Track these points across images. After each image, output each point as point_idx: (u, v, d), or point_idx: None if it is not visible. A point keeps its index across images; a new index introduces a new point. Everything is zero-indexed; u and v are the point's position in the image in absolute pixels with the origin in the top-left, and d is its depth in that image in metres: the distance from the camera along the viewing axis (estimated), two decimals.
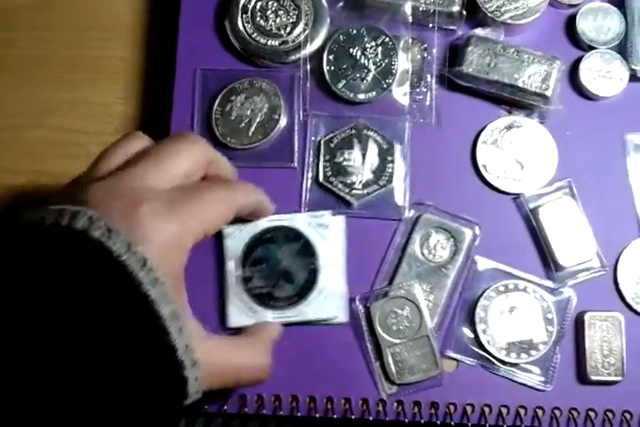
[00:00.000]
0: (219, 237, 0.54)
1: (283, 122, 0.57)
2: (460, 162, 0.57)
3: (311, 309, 0.53)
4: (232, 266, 0.54)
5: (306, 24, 0.59)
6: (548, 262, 0.55)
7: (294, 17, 0.59)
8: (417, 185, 0.56)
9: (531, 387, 0.53)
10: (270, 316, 0.53)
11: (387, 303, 0.53)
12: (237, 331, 0.53)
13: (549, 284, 0.54)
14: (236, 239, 0.54)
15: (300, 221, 0.54)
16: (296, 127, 0.57)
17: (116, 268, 0.37)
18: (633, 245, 0.55)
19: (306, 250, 0.53)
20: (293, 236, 0.54)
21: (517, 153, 0.57)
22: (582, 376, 0.53)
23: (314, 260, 0.54)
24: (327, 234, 0.54)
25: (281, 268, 0.53)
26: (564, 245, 0.54)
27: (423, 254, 0.55)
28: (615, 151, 0.57)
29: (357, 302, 0.54)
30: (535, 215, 0.55)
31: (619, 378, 0.52)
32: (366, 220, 0.56)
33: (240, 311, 0.53)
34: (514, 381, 0.53)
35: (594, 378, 0.52)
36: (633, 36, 0.59)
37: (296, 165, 0.57)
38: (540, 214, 0.54)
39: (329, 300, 0.53)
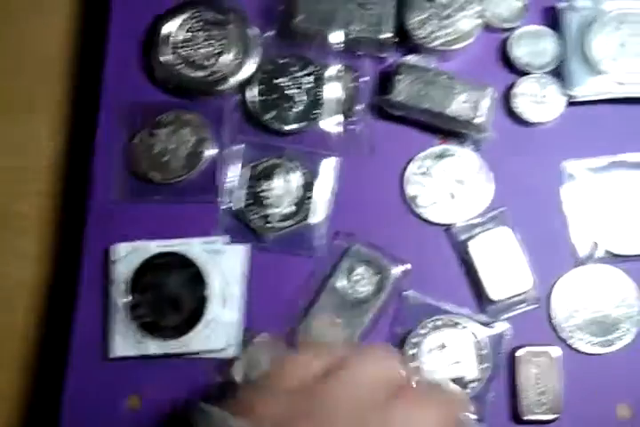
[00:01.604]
0: (108, 262, 0.53)
1: (209, 155, 0.56)
2: (391, 193, 0.56)
3: (198, 340, 0.51)
4: (119, 292, 0.52)
5: (234, 54, 0.57)
6: (481, 296, 0.53)
7: (221, 47, 0.58)
8: (345, 217, 0.55)
9: None
10: (155, 347, 0.51)
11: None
12: None
13: (482, 318, 0.52)
14: (125, 264, 0.52)
15: (194, 246, 0.53)
16: (223, 161, 0.56)
17: None
18: (566, 277, 0.53)
19: (197, 278, 0.52)
20: (185, 262, 0.52)
21: (449, 183, 0.56)
22: (516, 415, 0.51)
23: (204, 288, 0.52)
24: (222, 261, 0.52)
25: (169, 295, 0.52)
26: (496, 278, 0.52)
27: (345, 288, 0.53)
28: (552, 179, 0.56)
29: None
30: (465, 247, 0.53)
31: (554, 416, 0.51)
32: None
33: (125, 341, 0.51)
34: None
35: (528, 417, 0.50)
36: (568, 60, 0.57)
37: (221, 199, 0.55)
38: (469, 247, 0.53)
39: (218, 331, 0.51)
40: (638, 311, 0.53)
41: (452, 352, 0.52)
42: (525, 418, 0.51)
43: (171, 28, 0.58)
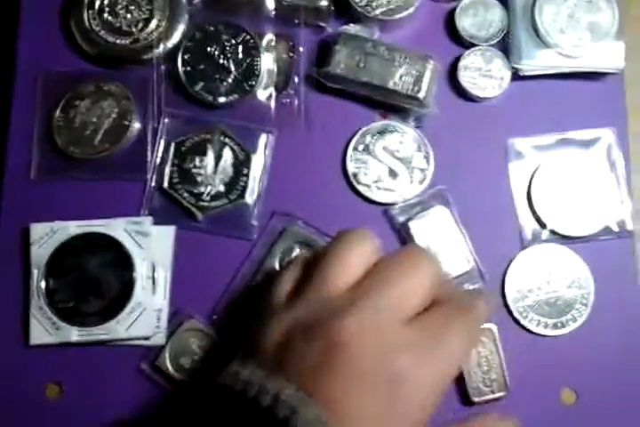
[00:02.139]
0: (26, 243, 0.49)
1: (134, 128, 0.52)
2: (330, 171, 0.53)
3: (122, 326, 0.48)
4: (36, 276, 0.49)
5: (160, 20, 0.54)
6: None
7: (147, 12, 0.54)
8: (282, 196, 0.52)
9: None
10: (76, 333, 0.47)
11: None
12: None
13: None
14: (43, 247, 0.48)
15: (117, 227, 0.49)
16: (149, 135, 0.52)
17: None
18: (519, 257, 0.52)
19: (121, 260, 0.48)
20: (107, 243, 0.49)
21: (391, 160, 0.53)
22: (465, 399, 0.49)
23: (129, 271, 0.48)
24: (148, 244, 0.49)
25: (90, 279, 0.48)
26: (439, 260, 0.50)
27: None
28: (497, 156, 0.53)
29: None
30: (405, 229, 0.50)
31: (502, 394, 0.49)
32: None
33: (42, 328, 0.48)
34: None
35: (477, 400, 0.48)
36: (515, 32, 0.54)
37: (148, 176, 0.51)
38: (410, 228, 0.50)
39: (144, 317, 0.48)
40: (590, 293, 0.51)
41: None
42: (475, 400, 0.48)
43: None
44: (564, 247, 0.52)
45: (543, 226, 0.52)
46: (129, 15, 0.54)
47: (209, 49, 0.53)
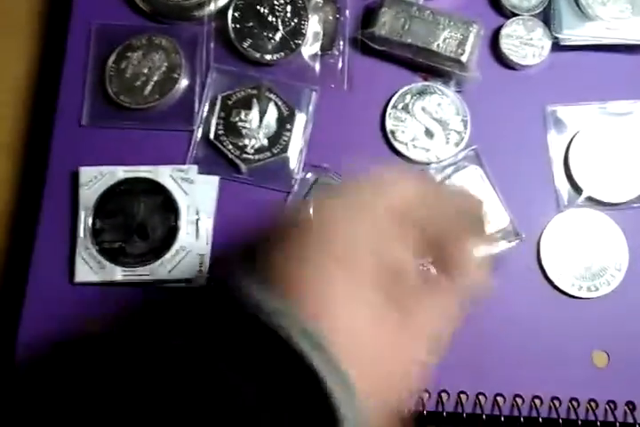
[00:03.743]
0: (75, 186, 0.50)
1: (183, 82, 0.54)
2: (369, 128, 0.54)
3: (166, 268, 0.49)
4: (83, 217, 0.50)
5: None
6: None
7: None
8: (320, 151, 0.53)
9: None
10: (120, 273, 0.49)
11: None
12: None
13: None
14: (91, 189, 0.50)
15: (163, 173, 0.50)
16: (197, 89, 0.53)
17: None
18: (556, 220, 0.53)
19: (166, 205, 0.50)
20: (153, 189, 0.50)
21: (428, 121, 0.54)
22: None
23: (174, 216, 0.50)
24: (192, 190, 0.50)
25: (136, 222, 0.50)
26: None
27: None
28: (535, 123, 0.54)
29: None
30: None
31: None
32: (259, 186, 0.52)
33: (87, 266, 0.49)
34: None
35: None
36: (557, 3, 0.55)
37: (195, 128, 0.53)
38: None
39: (187, 260, 0.49)
40: (624, 258, 0.51)
41: None
42: None
43: None
44: (600, 213, 0.52)
45: (579, 191, 0.53)
46: None
47: (258, 7, 0.55)
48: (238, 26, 0.54)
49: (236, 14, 0.54)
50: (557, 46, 0.55)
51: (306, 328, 0.28)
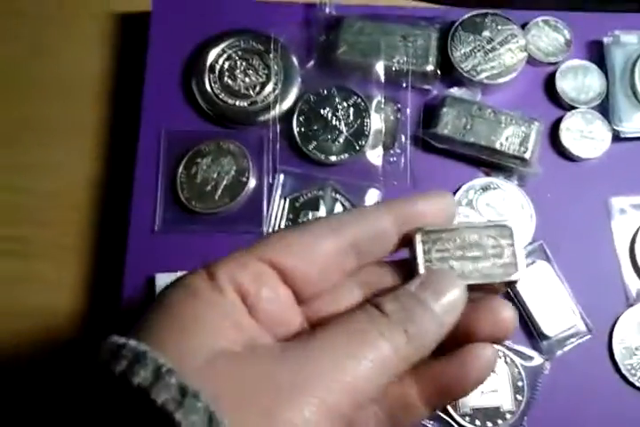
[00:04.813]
0: (150, 292, 0.51)
1: (251, 185, 0.55)
2: None
3: None
4: None
5: (275, 84, 0.57)
6: (530, 332, 0.52)
7: (264, 76, 0.57)
8: None
9: None
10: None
11: None
12: None
13: (523, 349, 0.51)
14: None
15: None
16: (265, 191, 0.55)
17: None
18: (627, 314, 0.52)
19: None
20: None
21: (493, 216, 0.54)
22: None
23: None
24: None
25: None
26: (546, 314, 0.51)
27: None
28: (598, 215, 0.55)
29: None
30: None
31: None
32: None
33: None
34: None
35: None
36: (614, 95, 0.57)
37: (264, 229, 0.54)
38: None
39: None
40: None
41: (490, 380, 0.50)
42: None
43: (212, 56, 0.57)
44: None
45: None
46: (247, 79, 0.57)
47: (322, 111, 0.56)
48: (303, 129, 0.56)
49: (301, 118, 0.56)
50: (617, 138, 0.56)
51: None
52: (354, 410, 0.26)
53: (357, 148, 0.55)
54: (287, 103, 0.56)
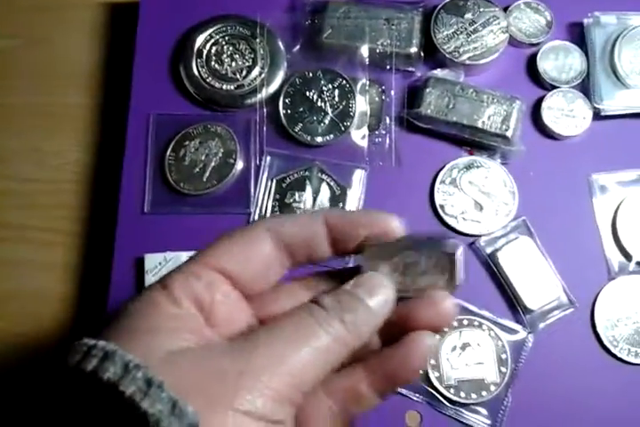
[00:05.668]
0: (139, 272, 0.52)
1: (238, 166, 0.56)
2: (418, 203, 0.56)
3: None
4: None
5: (262, 67, 0.58)
6: (514, 306, 0.53)
7: (250, 61, 0.58)
8: None
9: None
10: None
11: None
12: None
13: (506, 322, 0.53)
14: (157, 275, 0.54)
15: None
16: (252, 172, 0.56)
17: None
18: (608, 287, 0.53)
19: None
20: None
21: (476, 194, 0.56)
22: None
23: None
24: None
25: None
26: (529, 288, 0.52)
27: None
28: (580, 191, 0.56)
29: None
30: (494, 259, 0.53)
31: None
32: None
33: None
34: (459, 421, 0.51)
35: None
36: (595, 74, 0.57)
37: (252, 210, 0.55)
38: (498, 259, 0.53)
39: None
40: None
41: (473, 353, 0.51)
42: None
43: (200, 41, 0.58)
44: None
45: (629, 258, 0.54)
46: (234, 63, 0.58)
47: (307, 93, 0.57)
48: (289, 111, 0.57)
49: (287, 100, 0.57)
50: (598, 116, 0.57)
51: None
52: (300, 395, 0.28)
53: (343, 129, 0.56)
54: (273, 86, 0.58)
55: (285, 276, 0.34)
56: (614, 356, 0.52)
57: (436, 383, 0.50)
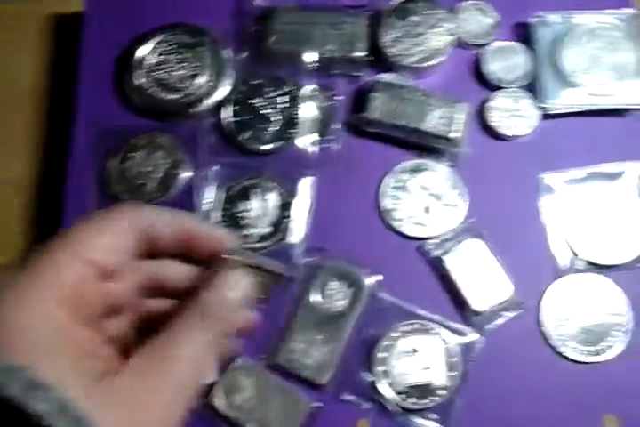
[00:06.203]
0: None
1: (184, 177, 0.55)
2: (366, 208, 0.56)
3: None
4: None
5: (208, 76, 0.57)
6: (462, 308, 0.53)
7: (196, 69, 0.58)
8: (323, 235, 0.54)
9: None
10: None
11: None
12: None
13: (455, 326, 0.52)
14: None
15: None
16: (199, 182, 0.55)
17: None
18: (555, 286, 0.53)
19: None
20: None
21: (426, 197, 0.55)
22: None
23: None
24: None
25: None
26: (477, 290, 0.52)
27: (320, 303, 0.53)
28: (529, 191, 0.56)
29: None
30: (440, 262, 0.53)
31: None
32: None
33: None
34: None
35: None
36: (541, 74, 0.58)
37: None
38: (445, 262, 0.53)
39: None
40: (628, 320, 0.52)
41: (422, 358, 0.51)
42: None
43: (144, 51, 0.58)
44: (600, 276, 0.53)
45: (577, 256, 0.54)
46: (179, 73, 0.58)
47: (254, 100, 0.57)
48: (236, 119, 0.56)
49: (233, 109, 0.56)
50: (545, 115, 0.57)
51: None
52: None
53: (290, 136, 0.56)
54: (220, 94, 0.57)
55: None
56: (562, 355, 0.52)
57: (386, 390, 0.50)
